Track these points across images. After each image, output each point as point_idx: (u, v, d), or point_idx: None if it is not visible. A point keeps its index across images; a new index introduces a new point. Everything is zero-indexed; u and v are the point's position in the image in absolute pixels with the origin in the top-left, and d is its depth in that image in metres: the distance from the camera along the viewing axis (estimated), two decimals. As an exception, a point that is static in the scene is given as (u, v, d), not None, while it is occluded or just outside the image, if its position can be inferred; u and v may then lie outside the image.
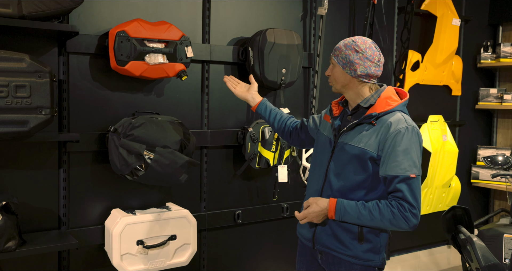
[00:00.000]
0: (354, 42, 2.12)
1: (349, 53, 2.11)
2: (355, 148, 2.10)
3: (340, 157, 2.15)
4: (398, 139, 2.01)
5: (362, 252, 2.14)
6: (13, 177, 2.64)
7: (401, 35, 4.09)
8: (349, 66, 2.12)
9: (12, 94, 2.26)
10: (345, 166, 2.13)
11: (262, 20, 3.42)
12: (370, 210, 2.03)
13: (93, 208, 2.88)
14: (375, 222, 2.03)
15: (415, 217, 1.98)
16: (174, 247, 2.87)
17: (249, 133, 3.22)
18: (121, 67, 2.71)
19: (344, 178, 2.14)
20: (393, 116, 2.08)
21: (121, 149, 2.67)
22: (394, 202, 1.99)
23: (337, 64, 2.16)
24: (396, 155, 1.99)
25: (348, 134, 2.15)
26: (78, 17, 2.76)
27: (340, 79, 2.17)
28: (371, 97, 2.15)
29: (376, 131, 2.07)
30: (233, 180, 3.39)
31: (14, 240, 2.39)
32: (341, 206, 2.08)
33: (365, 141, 2.08)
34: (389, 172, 2.01)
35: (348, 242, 2.14)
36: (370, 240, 2.13)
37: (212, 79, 3.24)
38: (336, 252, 2.17)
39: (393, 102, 2.12)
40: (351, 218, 2.07)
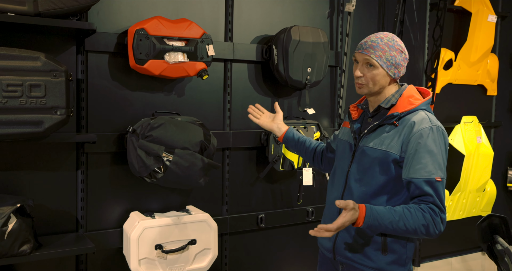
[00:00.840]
0: (395, 41, 1.99)
1: (394, 55, 1.97)
2: (377, 151, 1.97)
3: (361, 161, 2.02)
4: (422, 139, 1.88)
5: (386, 264, 2.00)
6: (30, 179, 2.59)
7: (433, 33, 3.92)
8: (395, 68, 1.98)
9: (26, 93, 2.20)
10: (366, 170, 2.00)
11: (287, 18, 3.30)
12: (401, 215, 1.84)
13: (112, 211, 2.81)
14: (407, 228, 1.84)
15: (444, 223, 1.86)
16: (194, 252, 2.78)
17: (272, 134, 3.11)
18: (140, 66, 2.64)
19: (365, 183, 2.00)
20: (416, 116, 1.94)
21: (140, 150, 2.59)
22: (424, 206, 1.84)
23: (379, 65, 1.97)
24: (420, 157, 1.86)
25: (369, 137, 2.03)
26: (97, 14, 2.70)
27: (381, 82, 2.00)
28: (392, 97, 2.02)
29: (398, 132, 1.94)
30: (256, 182, 3.28)
31: (29, 244, 2.33)
32: (371, 212, 1.85)
33: (387, 142, 1.95)
34: (414, 175, 1.87)
35: (370, 253, 2.00)
36: (395, 251, 1.99)
37: (235, 78, 3.14)
38: (357, 263, 2.03)
39: (416, 101, 1.99)
40: (380, 225, 1.85)
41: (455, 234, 4.37)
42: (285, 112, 3.34)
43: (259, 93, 3.23)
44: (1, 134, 2.16)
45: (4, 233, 2.23)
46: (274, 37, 3.11)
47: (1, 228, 2.22)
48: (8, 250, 2.25)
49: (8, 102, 2.16)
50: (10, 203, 2.30)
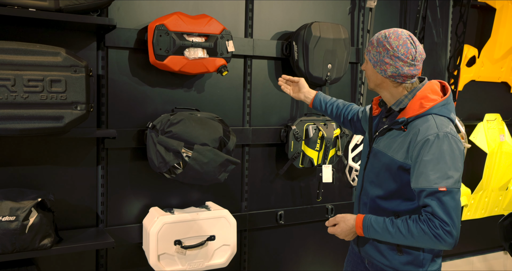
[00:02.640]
0: (387, 38, 1.88)
1: (380, 51, 1.90)
2: (385, 156, 1.94)
3: (374, 164, 2.02)
4: (425, 147, 1.80)
5: (401, 264, 1.98)
6: (51, 173, 2.61)
7: (456, 29, 3.86)
8: (379, 65, 1.91)
9: (47, 89, 2.21)
10: (378, 173, 1.99)
11: (307, 14, 3.28)
12: (399, 227, 1.84)
13: (131, 206, 2.82)
14: (407, 240, 1.84)
15: (449, 235, 1.75)
16: (213, 248, 2.78)
17: (292, 131, 3.09)
18: (160, 62, 2.64)
19: (378, 185, 1.99)
20: (424, 122, 1.86)
21: (159, 146, 2.59)
22: (424, 218, 1.80)
23: (369, 61, 1.96)
24: (423, 166, 1.79)
25: (380, 140, 2.00)
26: (117, 10, 2.70)
27: (372, 78, 1.99)
28: (404, 98, 1.94)
29: (405, 138, 1.88)
30: (275, 179, 3.26)
31: (50, 238, 2.35)
32: (368, 223, 1.91)
33: (394, 147, 1.91)
34: (416, 185, 1.82)
35: (386, 252, 2.00)
36: (410, 252, 1.96)
37: (255, 75, 3.12)
38: (376, 261, 2.05)
39: (428, 103, 1.89)
40: (380, 236, 1.90)
41: (477, 233, 4.31)
42: (304, 109, 3.32)
43: (279, 90, 3.21)
44: (23, 129, 2.18)
45: (25, 227, 2.25)
46: (294, 33, 3.09)
47: (22, 222, 2.24)
48: (29, 244, 2.27)
49: (29, 97, 2.18)
50: (31, 197, 2.32)
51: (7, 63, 2.14)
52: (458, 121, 3.87)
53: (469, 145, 3.93)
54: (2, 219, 2.21)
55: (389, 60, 1.88)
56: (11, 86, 2.14)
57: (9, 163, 2.52)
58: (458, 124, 3.87)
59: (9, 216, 2.22)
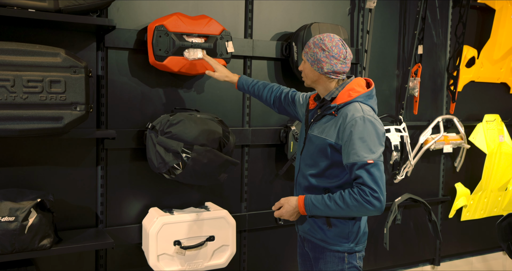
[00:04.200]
0: (322, 40, 2.18)
1: (316, 51, 2.18)
2: (319, 138, 2.21)
3: (309, 147, 2.27)
4: (354, 127, 2.08)
5: (330, 237, 2.22)
6: (51, 174, 2.61)
7: (455, 30, 3.86)
8: (316, 63, 2.19)
9: (46, 89, 2.22)
10: (311, 155, 2.25)
11: (307, 14, 3.28)
12: (336, 200, 2.10)
13: (131, 206, 2.83)
14: (344, 211, 2.10)
15: (378, 200, 2.04)
16: (212, 248, 2.78)
17: (291, 131, 3.09)
18: (159, 63, 2.64)
19: (311, 166, 2.24)
20: (351, 107, 2.15)
21: (159, 147, 2.59)
22: (356, 189, 2.07)
23: (306, 60, 2.23)
24: (353, 143, 2.07)
25: (314, 125, 2.27)
26: (117, 11, 2.71)
27: (310, 75, 2.25)
28: (335, 90, 2.23)
29: (336, 122, 2.16)
30: (274, 179, 3.27)
31: (49, 238, 2.36)
32: (309, 201, 2.17)
33: (327, 131, 2.18)
34: (348, 160, 2.08)
35: (318, 226, 2.24)
36: (337, 225, 2.21)
37: (254, 75, 3.12)
38: (311, 236, 2.29)
39: (354, 93, 2.19)
40: (320, 212, 2.16)
41: (476, 233, 4.31)
42: (304, 109, 3.32)
43: (278, 90, 3.21)
44: (22, 129, 2.18)
45: (24, 227, 2.25)
46: (294, 34, 3.09)
47: (22, 223, 2.24)
48: (28, 244, 2.28)
49: (29, 98, 2.18)
50: (31, 197, 2.33)
51: (6, 64, 2.14)
52: (457, 122, 3.88)
53: (468, 146, 3.94)
54: (1, 220, 2.21)
55: (325, 59, 2.17)
56: (10, 87, 2.14)
57: (9, 163, 2.52)
58: (457, 124, 3.88)
59: (9, 217, 2.23)
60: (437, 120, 3.79)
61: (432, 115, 3.90)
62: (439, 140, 3.77)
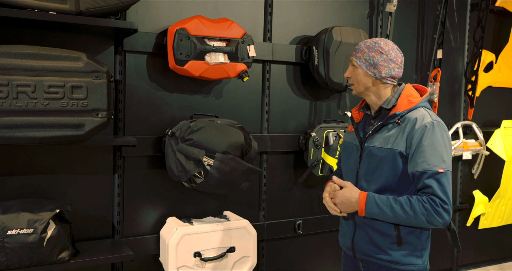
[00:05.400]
0: (377, 44, 2.07)
1: (372, 55, 2.06)
2: (383, 150, 2.04)
3: (370, 161, 2.09)
4: (424, 134, 1.96)
5: (403, 257, 2.05)
6: (66, 183, 2.51)
7: (473, 34, 3.79)
8: (373, 68, 2.06)
9: (68, 95, 2.12)
10: (375, 169, 2.07)
11: (325, 18, 3.20)
12: (402, 204, 1.95)
13: (148, 216, 2.73)
14: (407, 218, 1.95)
15: (447, 213, 1.92)
16: (233, 259, 2.68)
17: (312, 138, 3.00)
18: (180, 67, 2.55)
19: (374, 181, 2.07)
20: (417, 113, 2.03)
21: (179, 154, 2.50)
22: (425, 197, 1.93)
23: (359, 66, 2.09)
24: (423, 150, 1.94)
25: (374, 137, 2.10)
26: (135, 14, 2.61)
27: (363, 82, 2.10)
28: (392, 97, 2.10)
29: (401, 130, 2.03)
30: (293, 187, 3.17)
31: (68, 250, 2.25)
32: (372, 199, 2.00)
33: (392, 140, 2.03)
34: (417, 168, 1.94)
35: (386, 247, 2.06)
36: (410, 243, 2.05)
37: (273, 80, 3.04)
38: (375, 259, 2.09)
39: (414, 99, 2.08)
40: (382, 213, 1.98)
41: (493, 242, 4.23)
42: (323, 115, 3.24)
43: (298, 96, 3.13)
44: (43, 137, 2.08)
45: (43, 239, 2.15)
46: (315, 38, 3.01)
47: (40, 235, 2.14)
48: (47, 258, 2.18)
49: (50, 104, 2.08)
50: (49, 208, 2.23)
51: (27, 69, 2.04)
52: (475, 128, 3.80)
53: (487, 152, 3.86)
54: (20, 232, 2.11)
55: (383, 63, 2.05)
56: (31, 92, 2.04)
57: (24, 171, 2.42)
58: (476, 130, 3.80)
59: (27, 229, 2.12)
60: (456, 126, 3.71)
61: (450, 121, 3.82)
62: (458, 146, 3.69)
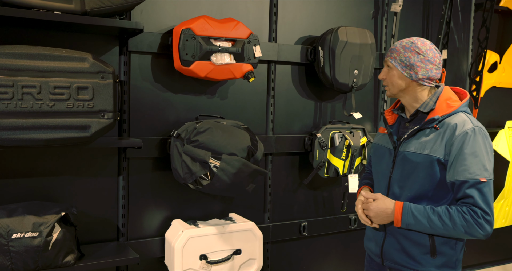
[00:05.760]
0: (414, 44, 1.99)
1: (409, 56, 1.97)
2: (420, 156, 1.95)
3: (404, 167, 2.00)
4: (465, 141, 1.87)
5: (436, 268, 1.97)
6: (70, 185, 2.48)
7: (478, 34, 3.77)
8: (409, 69, 1.98)
9: (73, 96, 2.08)
10: (409, 175, 1.98)
11: (331, 18, 3.17)
12: (440, 215, 1.87)
13: (153, 218, 2.70)
14: (446, 230, 1.87)
15: (489, 224, 1.83)
16: (239, 262, 2.66)
17: (317, 139, 2.98)
18: (186, 68, 2.52)
19: (409, 188, 1.98)
20: (457, 118, 1.94)
21: (185, 156, 2.47)
22: (465, 208, 1.85)
23: (395, 67, 2.00)
24: (464, 158, 1.85)
25: (409, 142, 2.01)
26: (140, 14, 2.58)
27: (398, 83, 2.01)
28: (429, 100, 2.01)
29: (440, 135, 1.93)
30: (298, 189, 3.15)
31: (73, 254, 2.22)
32: (408, 210, 1.91)
33: (430, 146, 1.93)
34: (458, 177, 1.86)
35: (419, 257, 1.97)
36: (445, 253, 1.96)
37: (278, 80, 3.01)
38: (407, 268, 2.01)
39: (454, 103, 1.98)
40: (419, 224, 1.90)
41: (496, 243, 4.21)
42: (328, 116, 3.21)
43: (303, 96, 3.10)
44: (48, 139, 2.05)
45: (48, 243, 2.11)
46: (320, 38, 2.98)
47: (46, 238, 2.10)
48: (52, 261, 2.14)
49: (56, 105, 2.05)
50: (54, 211, 2.19)
51: (32, 70, 2.01)
52: (480, 129, 3.77)
53: (492, 153, 3.83)
54: (25, 235, 2.07)
55: (420, 64, 1.96)
56: (36, 93, 2.01)
57: (28, 173, 2.38)
58: (480, 131, 3.77)
59: (32, 232, 2.09)
60: (460, 127, 3.68)
61: (454, 122, 3.80)
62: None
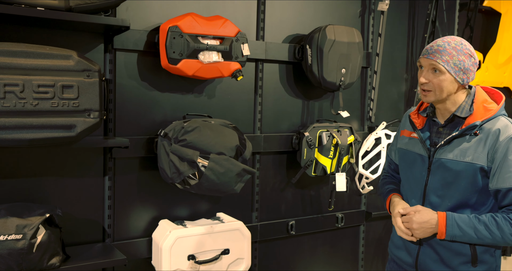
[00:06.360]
0: (464, 45, 1.87)
1: (463, 59, 1.85)
2: (460, 163, 1.86)
3: (442, 175, 1.91)
4: (509, 147, 1.80)
5: None
6: (55, 185, 2.42)
7: (462, 33, 3.79)
8: (463, 73, 1.86)
9: (58, 95, 2.03)
10: (450, 184, 1.89)
11: (318, 16, 3.15)
12: (487, 224, 1.80)
13: (140, 219, 2.65)
14: (493, 239, 1.80)
15: None
16: (227, 262, 2.63)
17: (305, 138, 2.96)
18: (173, 66, 2.48)
19: (449, 197, 1.89)
20: (499, 122, 1.85)
21: (172, 156, 2.43)
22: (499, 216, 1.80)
23: (447, 71, 1.85)
24: (509, 165, 1.79)
25: (446, 149, 1.91)
26: (126, 10, 2.53)
27: (449, 88, 1.88)
28: (465, 103, 1.91)
29: (482, 141, 1.85)
30: (285, 188, 3.13)
31: (58, 256, 2.17)
32: (453, 221, 1.83)
33: (471, 153, 1.85)
34: (503, 184, 1.79)
35: (459, 267, 1.89)
36: (486, 262, 1.89)
37: (266, 79, 2.98)
38: None
39: (491, 105, 1.90)
40: (465, 235, 1.82)
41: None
42: (316, 115, 3.19)
43: (291, 95, 3.08)
44: (32, 139, 1.99)
45: (33, 245, 2.06)
46: (308, 37, 2.96)
47: (30, 240, 2.05)
48: (36, 264, 2.08)
49: (40, 104, 2.00)
50: (39, 212, 2.14)
51: (15, 67, 1.95)
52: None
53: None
54: (8, 238, 2.01)
55: (473, 68, 1.88)
56: (19, 92, 1.95)
57: (12, 174, 2.32)
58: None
59: (16, 234, 2.03)
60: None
61: (439, 120, 3.81)
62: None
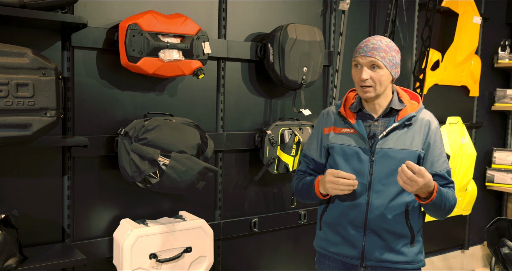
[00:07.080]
0: (392, 43, 2.05)
1: (394, 55, 2.02)
2: (402, 151, 2.03)
3: (386, 164, 2.03)
4: (438, 135, 2.07)
5: (415, 255, 2.09)
6: (12, 185, 2.37)
7: (421, 33, 3.87)
8: (395, 68, 2.04)
9: (12, 93, 2.00)
10: (393, 172, 2.00)
11: (280, 15, 3.17)
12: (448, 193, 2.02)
13: (100, 219, 2.62)
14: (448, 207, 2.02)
15: None
16: (190, 260, 2.63)
17: (267, 136, 2.98)
18: (133, 64, 2.46)
19: (393, 184, 2.01)
20: (426, 114, 2.10)
21: (133, 154, 2.41)
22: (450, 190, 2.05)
23: (384, 66, 2.00)
24: (442, 152, 2.06)
25: (386, 139, 2.04)
26: (84, 7, 2.50)
27: (385, 83, 2.03)
28: (395, 97, 2.09)
29: (416, 131, 2.05)
30: (248, 185, 3.14)
31: (15, 257, 2.13)
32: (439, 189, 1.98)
33: (409, 142, 2.04)
34: (440, 168, 2.04)
35: (402, 248, 2.06)
36: (419, 241, 2.11)
37: (228, 77, 2.99)
38: (390, 262, 2.06)
39: (413, 99, 2.13)
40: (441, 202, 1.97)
41: (438, 233, 4.35)
42: (278, 113, 3.22)
43: (253, 94, 3.10)
44: (-14, 138, 1.95)
45: (-12, 247, 2.02)
46: (270, 35, 2.98)
47: (-15, 242, 2.01)
48: (-8, 266, 2.05)
49: (-6, 103, 1.96)
50: (-6, 213, 2.09)
51: (-32, 65, 1.91)
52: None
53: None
54: (-38, 239, 1.97)
55: (400, 62, 2.09)
56: (-28, 90, 1.91)
57: (-35, 174, 2.27)
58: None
59: (-30, 236, 1.99)
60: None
61: (399, 118, 3.89)
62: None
